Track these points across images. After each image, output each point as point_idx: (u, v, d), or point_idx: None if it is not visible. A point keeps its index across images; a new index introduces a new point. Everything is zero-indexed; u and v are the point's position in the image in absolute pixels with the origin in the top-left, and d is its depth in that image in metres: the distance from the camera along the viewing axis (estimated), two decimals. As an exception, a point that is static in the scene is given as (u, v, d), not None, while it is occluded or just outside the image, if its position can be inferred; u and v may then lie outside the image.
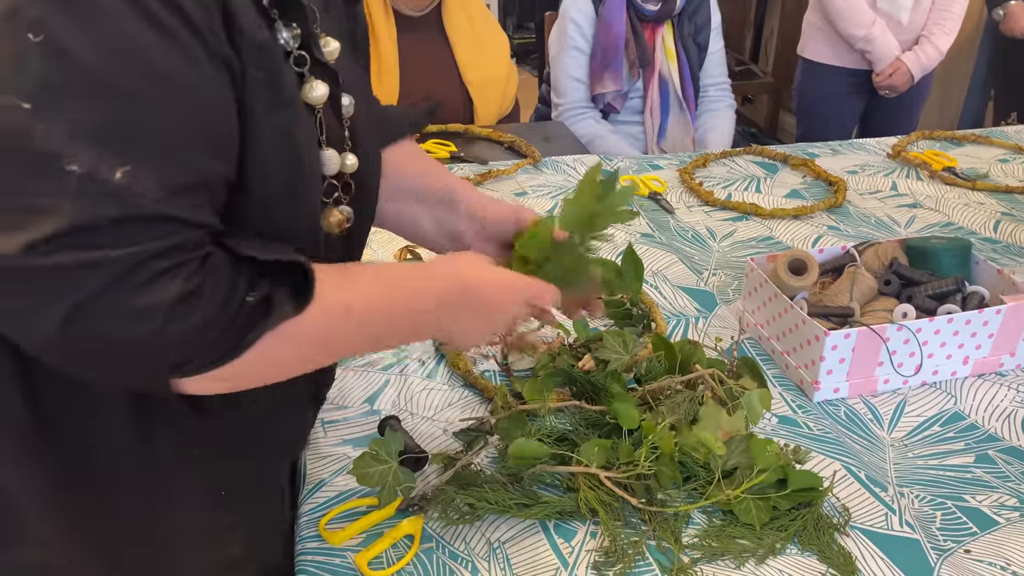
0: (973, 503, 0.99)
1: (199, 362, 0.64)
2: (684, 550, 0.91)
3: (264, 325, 0.65)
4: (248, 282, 0.65)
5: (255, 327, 0.65)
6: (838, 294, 1.24)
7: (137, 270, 0.58)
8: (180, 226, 0.60)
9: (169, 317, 0.60)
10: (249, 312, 0.64)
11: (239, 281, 0.64)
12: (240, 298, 0.64)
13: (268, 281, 0.66)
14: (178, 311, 0.60)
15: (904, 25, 2.68)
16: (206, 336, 0.62)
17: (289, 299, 0.66)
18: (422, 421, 1.10)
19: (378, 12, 2.10)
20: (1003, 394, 1.18)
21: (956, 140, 2.09)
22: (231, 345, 0.64)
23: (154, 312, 0.59)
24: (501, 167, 1.83)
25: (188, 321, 0.61)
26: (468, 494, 0.94)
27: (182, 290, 0.60)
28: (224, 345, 0.64)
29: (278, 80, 0.67)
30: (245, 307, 0.64)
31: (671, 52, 2.36)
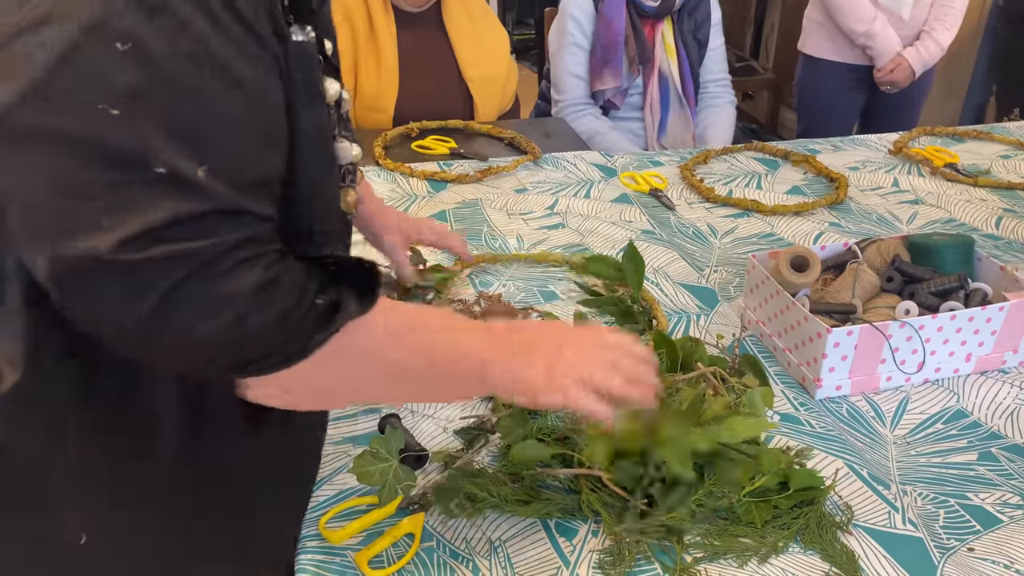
0: (976, 501, 0.99)
1: (271, 360, 0.67)
2: (687, 549, 0.90)
3: (332, 326, 0.68)
4: (318, 285, 0.68)
5: (323, 328, 0.68)
6: (840, 291, 1.23)
7: (220, 260, 0.61)
8: (253, 219, 0.64)
9: (251, 306, 0.63)
10: (318, 314, 0.67)
11: (310, 283, 0.68)
12: (311, 299, 0.67)
13: (336, 287, 0.69)
14: (259, 300, 0.63)
15: (905, 20, 2.67)
16: (281, 331, 0.65)
17: (355, 300, 0.70)
18: (422, 419, 1.09)
19: (377, 8, 2.09)
20: (1006, 391, 1.17)
21: (957, 136, 2.08)
22: (300, 345, 0.67)
23: (236, 300, 0.62)
24: (501, 163, 1.83)
25: (267, 312, 0.64)
26: (471, 483, 0.93)
27: (262, 279, 0.63)
28: (295, 344, 0.67)
29: (312, 79, 0.72)
30: (315, 308, 0.67)
31: (671, 48, 2.35)
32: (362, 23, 2.09)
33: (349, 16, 2.11)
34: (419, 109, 2.08)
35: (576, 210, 1.66)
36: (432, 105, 2.13)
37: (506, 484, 0.95)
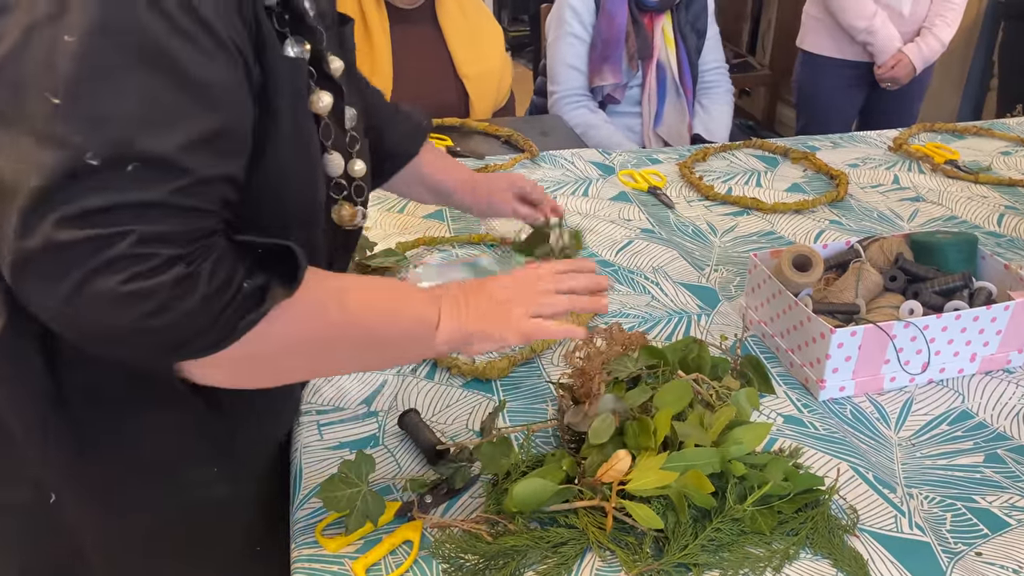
0: (983, 504, 0.98)
1: (197, 345, 0.68)
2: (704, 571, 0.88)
3: (261, 308, 0.69)
4: (247, 271, 0.69)
5: (252, 310, 0.69)
6: (843, 290, 1.22)
7: (142, 254, 0.62)
8: (190, 215, 0.65)
9: (170, 298, 0.64)
10: (244, 298, 0.68)
11: (237, 269, 0.69)
12: (238, 284, 0.68)
13: (264, 270, 0.71)
14: (177, 292, 0.64)
15: (905, 16, 2.66)
16: (206, 316, 0.66)
17: (281, 283, 0.71)
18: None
19: (369, 3, 2.07)
20: (1011, 391, 1.16)
21: (957, 132, 2.07)
22: (229, 328, 0.68)
23: (155, 293, 0.63)
24: (498, 162, 1.81)
25: (187, 302, 0.65)
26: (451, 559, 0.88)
27: (181, 273, 0.64)
28: (221, 329, 0.68)
29: (299, 90, 0.77)
30: (242, 292, 0.68)
31: (670, 40, 2.34)
32: (355, 18, 2.07)
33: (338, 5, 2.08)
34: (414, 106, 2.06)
35: (574, 208, 1.64)
36: (427, 102, 2.11)
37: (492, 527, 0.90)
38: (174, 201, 0.64)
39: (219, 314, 0.67)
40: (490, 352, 0.94)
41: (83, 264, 0.61)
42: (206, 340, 0.68)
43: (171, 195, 0.63)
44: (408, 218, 1.59)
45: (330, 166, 0.85)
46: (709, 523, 0.89)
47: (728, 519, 0.90)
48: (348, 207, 0.89)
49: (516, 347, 1.17)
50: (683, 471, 0.88)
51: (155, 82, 0.63)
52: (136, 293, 0.62)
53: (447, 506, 0.95)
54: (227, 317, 0.67)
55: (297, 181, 0.79)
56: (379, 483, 0.98)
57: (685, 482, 0.88)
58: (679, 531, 0.88)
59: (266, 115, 0.73)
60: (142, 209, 0.62)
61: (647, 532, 0.89)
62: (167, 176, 0.63)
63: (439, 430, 1.05)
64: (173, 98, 0.63)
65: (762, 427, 0.95)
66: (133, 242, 0.62)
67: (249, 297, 0.69)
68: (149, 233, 0.62)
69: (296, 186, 0.79)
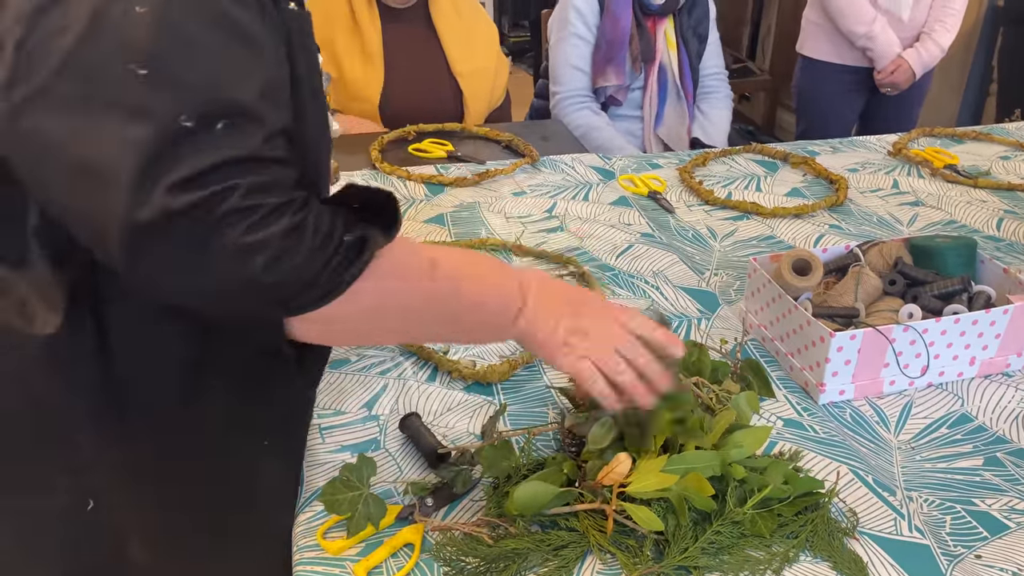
0: (983, 507, 0.98)
1: (306, 298, 0.70)
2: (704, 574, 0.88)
3: (362, 260, 0.72)
4: (344, 223, 0.71)
5: (355, 262, 0.71)
6: (843, 294, 1.22)
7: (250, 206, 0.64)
8: (277, 166, 0.68)
9: (282, 249, 0.66)
10: (347, 250, 0.71)
11: (336, 223, 0.71)
12: (339, 238, 0.70)
13: (361, 222, 0.73)
14: (289, 243, 0.66)
15: (905, 22, 2.66)
16: (313, 269, 0.69)
17: (380, 232, 0.74)
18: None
19: (359, 2, 2.07)
20: (1010, 395, 1.16)
21: (957, 137, 2.08)
22: (335, 282, 0.71)
23: (268, 244, 0.65)
24: (499, 167, 1.81)
25: (298, 254, 0.67)
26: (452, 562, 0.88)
27: (290, 224, 0.66)
28: (328, 281, 0.70)
29: (308, 43, 0.78)
30: (343, 245, 0.70)
31: (672, 44, 2.35)
32: (343, 16, 2.08)
33: (326, 5, 2.09)
34: (408, 106, 2.06)
35: (575, 213, 1.65)
36: (421, 101, 2.11)
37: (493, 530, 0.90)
38: (262, 152, 0.66)
39: (324, 266, 0.69)
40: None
41: (205, 224, 0.63)
42: (314, 293, 0.70)
43: (259, 147, 0.66)
44: (408, 223, 1.59)
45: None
46: (709, 526, 0.89)
47: (728, 522, 0.90)
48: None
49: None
50: (683, 474, 0.89)
51: (223, 40, 0.65)
52: (254, 244, 0.65)
53: (448, 509, 0.96)
54: (332, 269, 0.70)
55: (318, 138, 0.81)
56: (380, 486, 0.98)
57: (685, 485, 0.88)
58: (679, 534, 0.88)
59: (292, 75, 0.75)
60: (240, 162, 0.64)
61: (647, 535, 0.89)
62: (251, 128, 0.66)
63: (440, 434, 1.06)
64: (240, 54, 0.66)
65: (762, 431, 0.96)
66: (243, 194, 0.64)
67: (351, 248, 0.71)
68: (254, 184, 0.65)
69: (321, 140, 0.82)
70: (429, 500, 0.95)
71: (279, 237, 0.66)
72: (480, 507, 0.95)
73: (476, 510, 0.95)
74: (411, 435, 1.04)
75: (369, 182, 1.73)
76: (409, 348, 1.22)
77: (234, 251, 0.64)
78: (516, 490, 0.89)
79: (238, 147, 0.64)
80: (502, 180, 1.78)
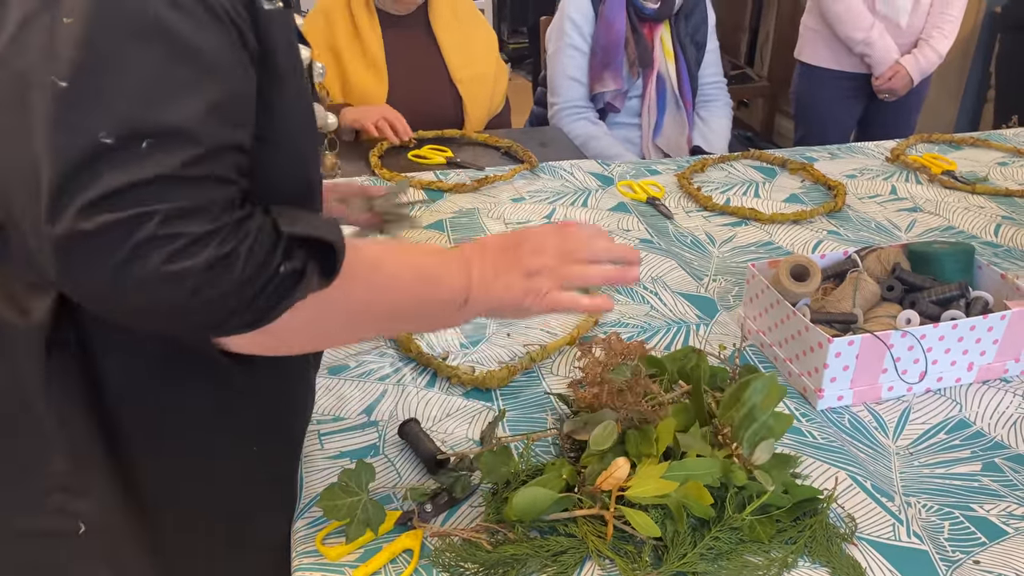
0: (981, 512, 0.98)
1: (233, 324, 0.68)
2: None
3: (295, 295, 0.69)
4: (284, 251, 0.68)
5: (288, 295, 0.69)
6: (841, 300, 1.22)
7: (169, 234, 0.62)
8: (212, 188, 0.64)
9: (203, 280, 0.63)
10: (282, 280, 0.68)
11: (276, 250, 0.68)
12: (275, 267, 0.67)
13: (303, 252, 0.70)
14: (213, 275, 0.64)
15: (903, 28, 2.67)
16: (241, 299, 0.66)
17: (318, 272, 0.71)
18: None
19: (359, 8, 2.08)
20: (1008, 400, 1.16)
21: (955, 143, 2.08)
22: (264, 310, 0.68)
23: (187, 276, 0.63)
24: (498, 173, 1.82)
25: (222, 285, 0.64)
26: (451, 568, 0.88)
27: (214, 255, 0.63)
28: (258, 310, 0.68)
29: (294, 45, 0.75)
30: (278, 277, 0.68)
31: (669, 51, 2.35)
32: (344, 23, 2.08)
33: (327, 12, 2.10)
34: (408, 112, 2.07)
35: (574, 219, 1.65)
36: (421, 107, 2.12)
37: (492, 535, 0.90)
38: (191, 173, 0.63)
39: (254, 297, 0.67)
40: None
41: (116, 250, 0.61)
42: (242, 320, 0.68)
43: (187, 167, 0.62)
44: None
45: (319, 116, 0.86)
46: (708, 531, 0.90)
47: (727, 528, 0.90)
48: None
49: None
50: (683, 481, 0.89)
51: (156, 54, 0.62)
52: (175, 274, 0.62)
53: (447, 515, 0.96)
54: (264, 299, 0.67)
55: (306, 137, 0.79)
56: (379, 492, 0.98)
57: (685, 492, 0.88)
58: (678, 540, 0.88)
59: (272, 76, 0.72)
60: (162, 185, 0.61)
61: (646, 540, 0.89)
62: (181, 148, 0.62)
63: (439, 439, 1.06)
64: (176, 69, 0.63)
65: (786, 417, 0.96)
66: (161, 221, 0.61)
67: (286, 279, 0.68)
68: (175, 210, 0.62)
69: (310, 138, 0.80)
70: (428, 506, 0.95)
71: (202, 268, 0.63)
72: (479, 513, 0.95)
73: (475, 516, 0.95)
74: (410, 441, 1.05)
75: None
76: (408, 354, 1.22)
77: (154, 279, 0.62)
78: (515, 496, 0.89)
79: (161, 168, 0.61)
80: (501, 186, 1.79)
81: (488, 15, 4.68)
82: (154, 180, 0.61)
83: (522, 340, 1.27)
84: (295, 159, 0.77)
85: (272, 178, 0.74)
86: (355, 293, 0.76)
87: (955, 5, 2.66)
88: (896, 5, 2.64)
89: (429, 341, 1.26)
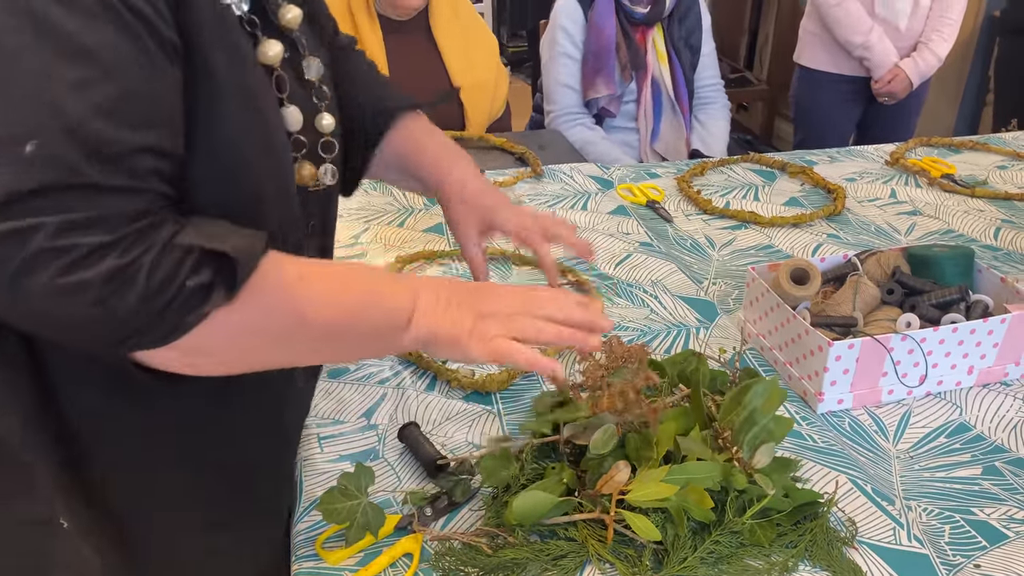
0: (982, 516, 0.98)
1: (141, 341, 0.65)
2: None
3: (202, 311, 0.65)
4: (194, 264, 0.65)
5: (194, 311, 0.65)
6: (841, 304, 1.22)
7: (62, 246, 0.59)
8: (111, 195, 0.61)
9: (105, 292, 0.60)
10: (188, 296, 0.64)
11: (184, 263, 0.64)
12: (181, 282, 0.64)
13: (213, 266, 0.66)
14: (113, 287, 0.61)
15: (902, 32, 2.68)
16: (146, 314, 0.63)
17: (225, 286, 0.66)
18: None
19: (361, 14, 2.08)
20: (1008, 404, 1.16)
21: (954, 147, 2.08)
22: (170, 327, 0.65)
23: (87, 287, 0.60)
24: (499, 177, 1.82)
25: (125, 298, 0.61)
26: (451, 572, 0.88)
27: (114, 266, 0.60)
28: (164, 327, 0.65)
29: (235, 41, 0.71)
30: (184, 292, 0.64)
31: (662, 55, 2.36)
32: (345, 28, 2.09)
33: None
34: None
35: (573, 222, 1.65)
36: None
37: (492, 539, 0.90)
38: (81, 180, 0.59)
39: (160, 312, 0.63)
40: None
41: (7, 262, 0.58)
42: (150, 336, 0.65)
43: (75, 174, 0.59)
44: (407, 232, 1.60)
45: (288, 119, 0.81)
46: (708, 535, 0.90)
47: (727, 531, 0.90)
48: (308, 166, 0.84)
49: None
50: (683, 485, 0.89)
51: (42, 54, 0.58)
52: (70, 287, 0.59)
53: (447, 519, 0.96)
54: (170, 315, 0.64)
55: (255, 138, 0.74)
56: (379, 496, 0.98)
57: (685, 496, 0.88)
58: (678, 543, 0.88)
59: (202, 72, 0.68)
60: (50, 194, 0.58)
61: (646, 544, 0.89)
62: (71, 153, 0.59)
63: (439, 443, 1.06)
64: (64, 68, 0.59)
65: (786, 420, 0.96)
66: (51, 233, 0.58)
67: (193, 294, 0.64)
68: (67, 221, 0.58)
69: (256, 144, 0.74)
70: (428, 510, 0.95)
71: (100, 281, 0.60)
72: (479, 517, 0.95)
73: (475, 520, 0.95)
74: (410, 445, 1.04)
75: (369, 192, 1.74)
76: (408, 357, 1.22)
77: (49, 292, 0.59)
78: (515, 500, 0.88)
79: (46, 176, 0.57)
80: (500, 189, 1.78)
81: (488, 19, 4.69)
82: (40, 190, 0.58)
83: (522, 343, 1.26)
84: (236, 169, 0.72)
85: (209, 188, 0.70)
86: (276, 309, 0.71)
87: (954, 9, 2.66)
88: (895, 8, 2.64)
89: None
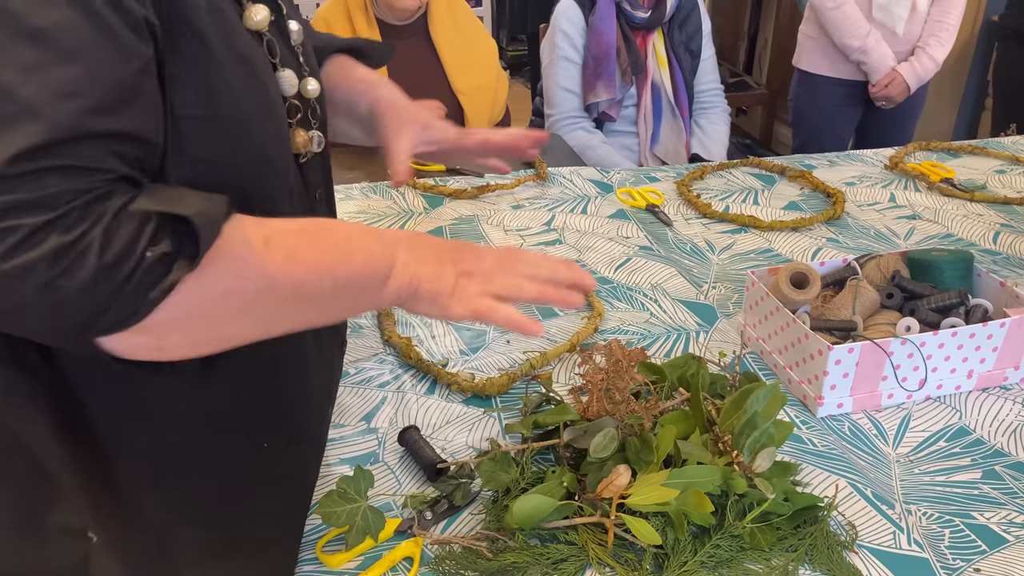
0: (981, 520, 0.98)
1: (103, 323, 0.61)
2: None
3: (166, 283, 0.61)
4: (153, 234, 0.61)
5: (158, 284, 0.61)
6: (840, 308, 1.22)
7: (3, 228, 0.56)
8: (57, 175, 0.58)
9: (53, 273, 0.57)
10: (149, 268, 0.61)
11: (141, 233, 0.60)
12: (140, 253, 0.60)
13: (173, 234, 0.62)
14: (61, 267, 0.57)
15: (900, 36, 2.68)
16: (101, 293, 0.59)
17: (187, 255, 0.63)
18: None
19: (359, 18, 2.08)
20: (1008, 408, 1.16)
21: (953, 151, 2.09)
22: (134, 304, 0.61)
23: (34, 269, 0.57)
24: (500, 181, 1.82)
25: (75, 276, 0.58)
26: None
27: (58, 244, 0.57)
28: (126, 305, 0.61)
29: (218, 5, 0.70)
30: (144, 263, 0.60)
31: (663, 60, 2.36)
32: (344, 32, 2.09)
33: (328, 21, 2.10)
34: None
35: (573, 226, 1.65)
36: None
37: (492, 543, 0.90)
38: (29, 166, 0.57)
39: (118, 289, 0.59)
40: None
41: None
42: (112, 317, 0.61)
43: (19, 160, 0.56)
44: (408, 236, 1.60)
45: (284, 84, 0.80)
46: (709, 539, 0.90)
47: (728, 535, 0.90)
48: (301, 132, 0.82)
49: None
50: (684, 489, 0.89)
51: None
52: (15, 270, 0.56)
53: (447, 523, 0.96)
54: (131, 291, 0.60)
55: (252, 104, 0.72)
56: (379, 500, 0.98)
57: (685, 501, 0.88)
58: (679, 547, 0.88)
59: (193, 43, 0.67)
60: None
61: (647, 548, 0.89)
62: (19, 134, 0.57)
63: (439, 447, 1.06)
64: (15, 51, 0.57)
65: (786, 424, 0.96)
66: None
67: (154, 267, 0.61)
68: (7, 203, 0.56)
69: (253, 110, 0.72)
70: (428, 513, 0.95)
71: (47, 261, 0.57)
72: (479, 520, 0.95)
73: (475, 523, 0.95)
74: (410, 448, 1.04)
75: (368, 195, 1.74)
76: (408, 361, 1.22)
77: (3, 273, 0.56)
78: (515, 503, 0.88)
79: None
80: (502, 193, 1.79)
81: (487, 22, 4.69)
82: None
83: (522, 347, 1.27)
84: (242, 136, 0.71)
85: (220, 160, 0.69)
86: (244, 273, 0.68)
87: (952, 13, 2.67)
88: (893, 13, 2.65)
89: (429, 348, 1.26)
